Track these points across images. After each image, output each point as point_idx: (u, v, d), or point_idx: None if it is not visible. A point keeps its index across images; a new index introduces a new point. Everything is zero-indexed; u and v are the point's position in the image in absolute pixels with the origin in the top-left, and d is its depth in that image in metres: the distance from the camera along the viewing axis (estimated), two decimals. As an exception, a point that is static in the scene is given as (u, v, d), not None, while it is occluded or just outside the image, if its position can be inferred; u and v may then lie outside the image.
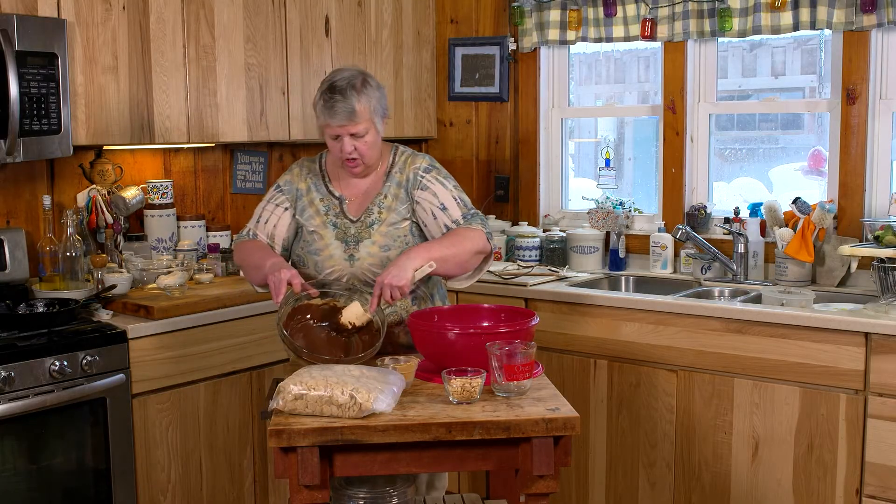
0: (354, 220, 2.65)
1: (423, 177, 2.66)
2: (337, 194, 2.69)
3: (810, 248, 3.46)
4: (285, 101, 3.74)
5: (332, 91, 2.53)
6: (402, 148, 2.76)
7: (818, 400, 3.03)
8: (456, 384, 2.15)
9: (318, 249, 2.66)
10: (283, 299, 2.42)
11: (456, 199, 2.65)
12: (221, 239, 3.83)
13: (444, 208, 2.63)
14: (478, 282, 3.68)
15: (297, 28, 3.76)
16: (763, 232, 3.70)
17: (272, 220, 2.71)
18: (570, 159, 4.43)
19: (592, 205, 4.09)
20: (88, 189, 3.45)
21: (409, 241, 2.64)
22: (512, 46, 4.29)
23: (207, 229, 3.83)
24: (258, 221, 2.73)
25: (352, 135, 2.55)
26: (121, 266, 3.38)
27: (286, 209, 2.70)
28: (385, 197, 2.66)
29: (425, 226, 2.65)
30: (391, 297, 2.38)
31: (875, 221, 3.37)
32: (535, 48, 4.23)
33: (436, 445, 2.11)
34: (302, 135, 3.80)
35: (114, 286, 3.18)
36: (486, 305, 2.62)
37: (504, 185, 4.40)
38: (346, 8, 3.96)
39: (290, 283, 2.41)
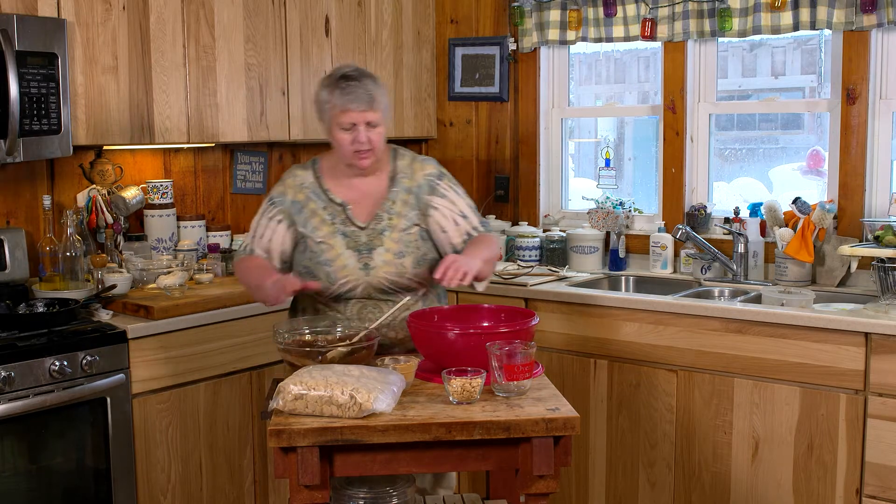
0: (363, 226, 2.63)
1: (437, 184, 2.67)
2: (338, 200, 2.64)
3: (810, 248, 3.46)
4: (285, 101, 3.74)
5: (347, 79, 2.52)
6: (400, 150, 2.74)
7: (818, 400, 3.03)
8: (456, 384, 2.15)
9: (329, 260, 2.61)
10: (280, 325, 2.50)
11: (470, 207, 2.71)
12: (221, 239, 3.83)
13: (464, 216, 2.67)
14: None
15: (297, 28, 3.76)
16: (763, 232, 3.70)
17: (267, 234, 2.67)
18: (570, 159, 4.43)
19: (592, 205, 4.09)
20: (88, 189, 3.45)
21: (420, 247, 2.63)
22: (512, 46, 4.28)
23: (207, 229, 3.82)
24: (254, 237, 2.69)
25: (367, 123, 2.53)
26: (121, 266, 3.38)
27: (280, 222, 2.66)
28: (394, 203, 2.64)
29: (444, 232, 2.64)
30: (454, 275, 2.35)
31: (875, 221, 3.37)
32: (535, 48, 4.23)
33: (436, 445, 2.11)
34: (302, 135, 3.80)
35: (114, 286, 3.18)
36: (486, 305, 2.61)
37: (504, 185, 4.40)
38: (346, 8, 3.96)
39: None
